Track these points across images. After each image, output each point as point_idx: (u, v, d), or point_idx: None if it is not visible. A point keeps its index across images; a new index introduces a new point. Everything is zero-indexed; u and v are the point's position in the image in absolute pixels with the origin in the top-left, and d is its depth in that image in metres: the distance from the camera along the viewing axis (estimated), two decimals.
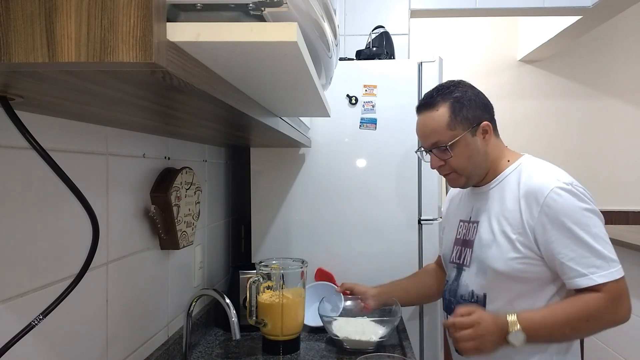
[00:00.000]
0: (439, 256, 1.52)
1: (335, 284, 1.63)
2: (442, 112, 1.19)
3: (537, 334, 1.09)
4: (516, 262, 1.13)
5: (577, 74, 3.32)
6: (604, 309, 1.06)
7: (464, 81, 1.26)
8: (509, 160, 1.24)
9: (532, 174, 1.16)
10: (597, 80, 3.31)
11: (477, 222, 1.25)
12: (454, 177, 1.25)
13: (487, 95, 1.26)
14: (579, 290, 1.09)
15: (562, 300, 1.14)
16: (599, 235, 1.08)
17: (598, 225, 1.09)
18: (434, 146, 1.22)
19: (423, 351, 1.76)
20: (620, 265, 1.09)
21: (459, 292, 1.27)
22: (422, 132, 1.25)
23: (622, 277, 1.08)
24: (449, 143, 1.19)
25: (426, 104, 1.23)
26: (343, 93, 1.75)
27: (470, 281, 1.24)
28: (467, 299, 1.24)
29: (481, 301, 1.21)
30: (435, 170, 1.28)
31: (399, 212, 1.75)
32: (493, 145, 1.23)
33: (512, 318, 1.08)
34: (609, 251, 1.08)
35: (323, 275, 1.72)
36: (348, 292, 1.55)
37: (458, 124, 1.19)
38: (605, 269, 1.07)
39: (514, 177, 1.20)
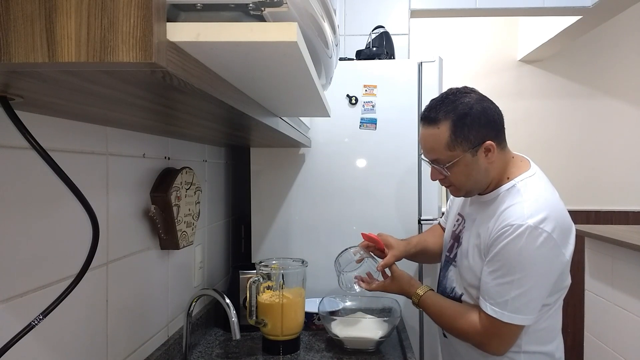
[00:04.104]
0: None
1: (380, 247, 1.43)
2: (442, 131, 1.14)
3: (427, 313, 1.29)
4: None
5: (577, 74, 3.32)
6: (473, 333, 1.15)
7: (473, 92, 1.19)
8: (508, 178, 1.19)
9: (513, 206, 1.13)
10: (597, 80, 3.31)
11: (465, 226, 1.29)
12: (453, 189, 1.24)
13: (487, 96, 1.21)
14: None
15: (465, 304, 1.22)
16: (524, 285, 1.07)
17: (534, 273, 1.08)
18: (433, 162, 1.21)
19: (423, 351, 1.76)
20: (524, 317, 1.09)
21: (443, 282, 1.33)
22: (423, 147, 1.22)
23: (511, 324, 1.09)
24: (446, 164, 1.17)
25: (429, 118, 1.18)
26: (343, 93, 1.75)
27: (454, 277, 1.29)
28: (449, 293, 1.29)
29: (457, 299, 1.26)
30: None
31: (399, 212, 1.75)
32: (497, 161, 1.18)
33: (417, 295, 1.28)
34: (521, 301, 1.08)
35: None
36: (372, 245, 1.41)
37: (458, 144, 1.14)
38: (497, 307, 1.10)
39: (503, 200, 1.17)
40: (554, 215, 1.09)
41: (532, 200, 1.12)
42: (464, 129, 1.14)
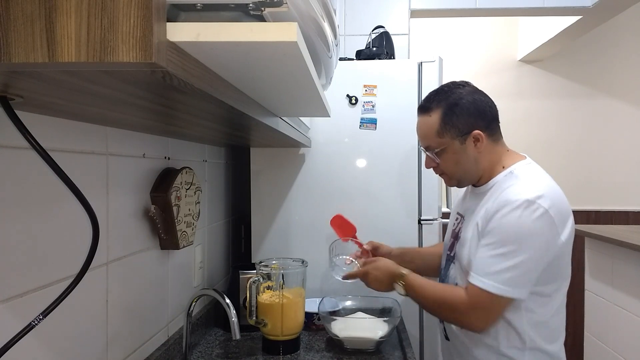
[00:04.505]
0: None
1: (355, 238, 1.54)
2: (433, 119, 1.21)
3: (413, 295, 1.26)
4: None
5: (577, 74, 3.32)
6: (458, 303, 1.15)
7: (468, 85, 1.24)
8: (503, 167, 1.22)
9: (510, 187, 1.15)
10: (597, 80, 3.31)
11: (464, 220, 1.30)
12: (446, 178, 1.30)
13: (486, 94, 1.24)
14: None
15: (453, 284, 1.24)
16: (516, 256, 1.08)
17: (527, 245, 1.08)
18: (426, 150, 1.28)
19: (423, 351, 1.76)
20: (513, 290, 1.09)
21: (445, 282, 1.33)
22: (418, 135, 1.30)
23: (496, 295, 1.09)
24: (436, 150, 1.23)
25: (423, 107, 1.26)
26: (343, 93, 1.75)
27: (455, 274, 1.29)
28: None
29: None
30: (431, 169, 1.32)
31: (399, 212, 1.75)
32: (488, 151, 1.21)
33: (402, 274, 1.26)
34: (512, 272, 1.08)
35: (342, 225, 1.56)
36: (367, 250, 1.50)
37: (447, 132, 1.20)
38: (486, 278, 1.10)
39: (500, 185, 1.19)
40: (551, 195, 1.11)
41: (529, 181, 1.15)
42: (452, 117, 1.20)
